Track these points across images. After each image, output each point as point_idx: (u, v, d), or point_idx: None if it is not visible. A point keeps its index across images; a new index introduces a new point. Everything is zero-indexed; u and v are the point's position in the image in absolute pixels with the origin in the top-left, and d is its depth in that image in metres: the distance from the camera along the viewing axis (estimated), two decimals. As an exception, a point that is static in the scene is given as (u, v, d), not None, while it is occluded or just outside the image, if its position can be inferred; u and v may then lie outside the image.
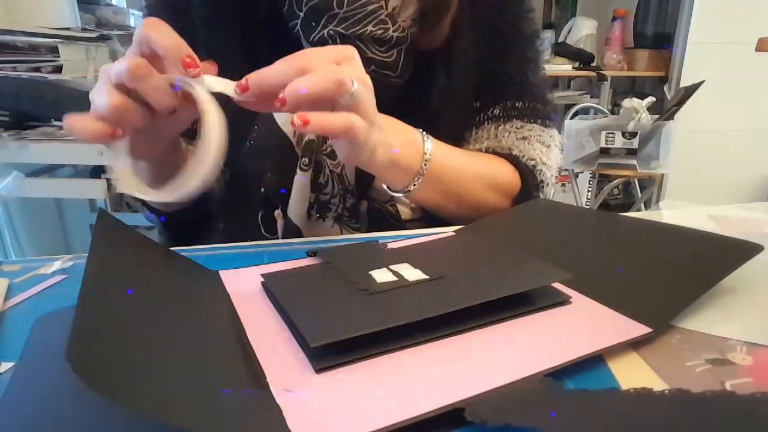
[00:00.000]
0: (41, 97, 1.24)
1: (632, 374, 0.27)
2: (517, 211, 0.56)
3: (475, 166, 0.56)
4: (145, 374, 0.24)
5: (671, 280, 0.35)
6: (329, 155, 0.55)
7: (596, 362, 0.28)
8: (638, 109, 1.61)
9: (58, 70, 1.32)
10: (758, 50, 1.73)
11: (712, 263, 0.36)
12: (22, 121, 1.29)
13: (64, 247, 1.71)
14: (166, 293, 0.35)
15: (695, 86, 1.63)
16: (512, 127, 0.61)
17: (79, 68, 1.38)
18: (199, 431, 0.22)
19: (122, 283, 0.32)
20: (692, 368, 0.27)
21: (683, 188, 2.16)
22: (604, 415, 0.24)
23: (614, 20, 2.36)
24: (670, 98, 1.97)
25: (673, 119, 1.63)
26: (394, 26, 0.52)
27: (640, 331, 0.30)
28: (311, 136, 0.53)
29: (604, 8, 2.51)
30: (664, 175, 2.05)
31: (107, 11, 1.70)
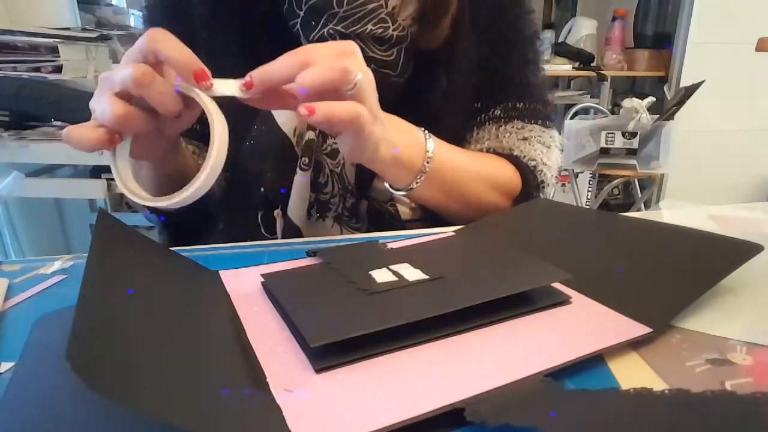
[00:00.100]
0: (41, 97, 1.24)
1: (632, 374, 0.27)
2: (517, 211, 0.56)
3: (476, 165, 0.56)
4: (145, 374, 0.24)
5: (671, 280, 0.35)
6: (329, 155, 0.55)
7: (596, 362, 0.28)
8: (638, 109, 1.61)
9: (58, 70, 1.32)
10: (758, 50, 1.73)
11: (712, 263, 0.36)
12: (22, 121, 1.29)
13: (64, 247, 1.71)
14: (166, 293, 0.35)
15: (695, 86, 1.63)
16: (513, 127, 0.61)
17: (79, 68, 1.38)
18: (199, 431, 0.22)
19: (122, 283, 0.32)
20: (692, 368, 0.27)
21: (683, 188, 2.16)
22: (604, 415, 0.24)
23: (614, 20, 2.36)
24: (670, 98, 1.97)
25: (673, 119, 1.63)
26: (394, 25, 0.52)
27: (640, 331, 0.30)
28: (311, 135, 0.53)
29: (604, 8, 2.51)
30: (664, 175, 2.05)
31: (107, 11, 1.70)
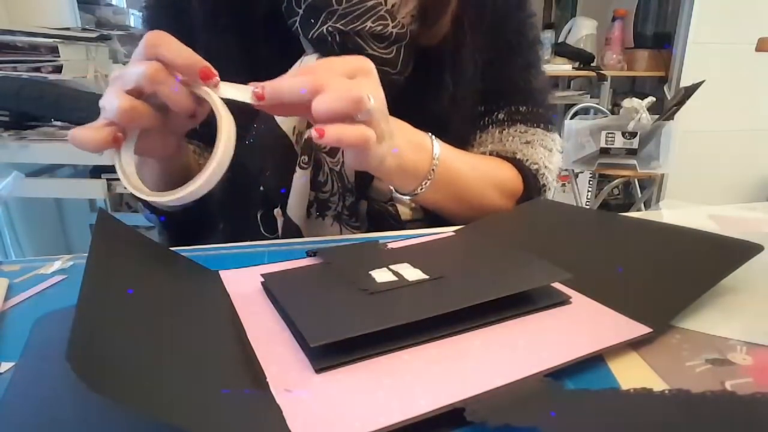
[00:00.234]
0: (41, 97, 1.24)
1: (632, 374, 0.27)
2: (517, 211, 0.56)
3: (480, 168, 0.56)
4: (145, 374, 0.24)
5: (671, 280, 0.35)
6: (329, 153, 0.55)
7: (596, 362, 0.28)
8: (638, 109, 1.61)
9: (58, 70, 1.32)
10: (758, 50, 1.72)
11: (712, 263, 0.35)
12: (22, 121, 1.29)
13: (64, 247, 1.71)
14: (166, 293, 0.35)
15: (695, 86, 1.63)
16: (516, 131, 0.62)
17: (79, 68, 1.38)
18: (198, 431, 0.22)
19: (122, 283, 0.32)
20: (692, 368, 0.27)
21: (683, 188, 2.16)
22: (604, 415, 0.24)
23: (614, 20, 2.36)
24: (670, 98, 1.97)
25: (673, 119, 1.63)
26: (393, 22, 0.52)
27: (640, 331, 0.30)
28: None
29: (604, 8, 2.51)
30: (664, 175, 2.05)
31: (107, 11, 1.70)
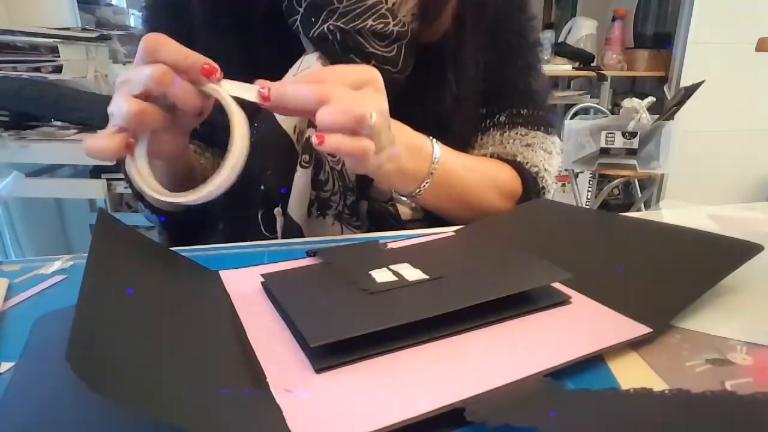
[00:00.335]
0: (41, 97, 1.24)
1: (632, 374, 0.27)
2: (517, 211, 0.56)
3: (480, 170, 0.57)
4: (145, 374, 0.24)
5: (671, 280, 0.35)
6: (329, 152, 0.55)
7: (596, 362, 0.28)
8: (638, 109, 1.61)
9: (58, 70, 1.32)
10: (758, 50, 1.72)
11: (712, 263, 0.35)
12: (22, 121, 1.29)
13: (64, 247, 1.71)
14: (166, 293, 0.35)
15: (695, 86, 1.63)
16: (517, 134, 0.62)
17: (79, 68, 1.38)
18: (198, 431, 0.22)
19: (122, 283, 0.32)
20: (692, 368, 0.27)
21: (683, 188, 2.16)
22: (604, 415, 0.24)
23: (614, 20, 2.36)
24: (670, 98, 1.97)
25: (673, 119, 1.63)
26: (394, 21, 0.52)
27: (640, 331, 0.30)
28: (311, 132, 0.53)
29: (604, 8, 2.51)
30: (664, 175, 2.05)
31: (107, 11, 1.70)
